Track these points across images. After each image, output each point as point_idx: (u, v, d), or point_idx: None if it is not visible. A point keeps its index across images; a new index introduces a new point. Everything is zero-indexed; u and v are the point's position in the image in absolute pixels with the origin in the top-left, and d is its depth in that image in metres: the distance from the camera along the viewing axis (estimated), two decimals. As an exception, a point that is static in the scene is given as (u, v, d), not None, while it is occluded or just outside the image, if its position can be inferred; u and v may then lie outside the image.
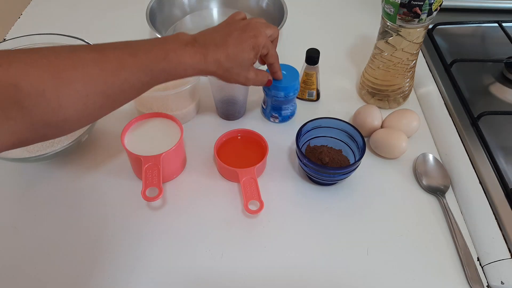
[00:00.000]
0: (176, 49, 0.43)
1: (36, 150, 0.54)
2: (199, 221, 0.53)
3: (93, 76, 0.37)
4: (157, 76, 0.42)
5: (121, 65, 0.39)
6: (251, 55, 0.48)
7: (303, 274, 0.49)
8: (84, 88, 0.37)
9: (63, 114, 0.36)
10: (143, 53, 0.41)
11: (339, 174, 0.54)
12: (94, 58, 0.38)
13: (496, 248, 0.49)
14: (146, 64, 0.41)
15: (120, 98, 0.41)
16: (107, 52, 0.39)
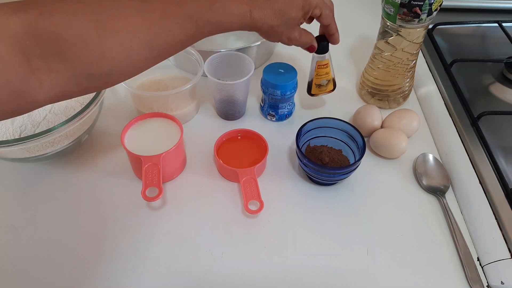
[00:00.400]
0: None
1: (36, 150, 0.54)
2: (199, 221, 0.53)
3: (137, 27, 0.36)
4: (202, 28, 0.40)
5: (166, 15, 0.37)
6: (299, 14, 0.45)
7: (303, 274, 0.49)
8: (128, 39, 0.35)
9: (107, 66, 0.35)
10: (188, 2, 0.39)
11: (339, 174, 0.54)
12: (138, 7, 0.36)
13: (496, 248, 0.49)
14: (191, 14, 0.39)
15: (164, 50, 0.39)
16: (151, 1, 0.37)
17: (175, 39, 0.39)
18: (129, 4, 0.36)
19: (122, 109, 0.67)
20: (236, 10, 0.41)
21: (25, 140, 0.49)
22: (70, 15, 0.33)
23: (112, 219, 0.53)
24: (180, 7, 0.38)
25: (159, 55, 0.39)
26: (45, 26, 0.32)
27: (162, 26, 0.37)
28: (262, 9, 0.43)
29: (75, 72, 0.34)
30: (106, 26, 0.34)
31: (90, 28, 0.34)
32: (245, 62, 0.62)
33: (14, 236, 0.52)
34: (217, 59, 0.62)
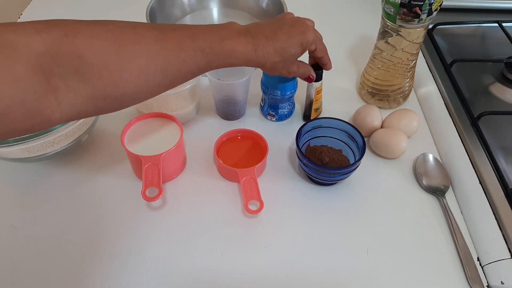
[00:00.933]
0: (231, 36, 0.44)
1: (36, 150, 0.54)
2: (199, 221, 0.53)
3: (154, 53, 0.37)
4: (211, 61, 0.43)
5: (181, 46, 0.39)
6: (298, 50, 0.49)
7: (303, 274, 0.49)
8: (145, 64, 0.37)
9: (123, 88, 0.37)
10: (201, 37, 0.41)
11: (339, 174, 0.54)
12: (156, 36, 0.38)
13: (496, 248, 0.49)
14: (203, 48, 0.41)
15: (176, 78, 0.41)
16: (167, 32, 0.39)
17: (187, 69, 0.41)
18: (148, 33, 0.38)
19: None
20: (243, 47, 0.44)
21: (25, 140, 0.49)
22: (94, 38, 0.34)
23: (112, 219, 0.53)
24: (193, 41, 0.41)
25: (171, 83, 0.41)
26: (68, 47, 0.33)
27: (177, 56, 0.39)
28: (265, 47, 0.46)
29: (93, 92, 0.35)
30: (126, 51, 0.36)
31: (111, 52, 0.35)
32: (245, 62, 0.62)
33: (14, 236, 0.52)
34: (217, 59, 0.62)
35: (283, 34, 0.47)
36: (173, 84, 0.42)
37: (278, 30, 0.47)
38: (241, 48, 0.44)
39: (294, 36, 0.47)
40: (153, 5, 0.77)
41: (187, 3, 0.84)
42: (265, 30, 0.47)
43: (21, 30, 0.32)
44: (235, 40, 0.44)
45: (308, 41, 0.49)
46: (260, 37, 0.46)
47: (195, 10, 0.85)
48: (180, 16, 0.84)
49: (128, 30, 0.37)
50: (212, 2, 0.86)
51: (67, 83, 0.33)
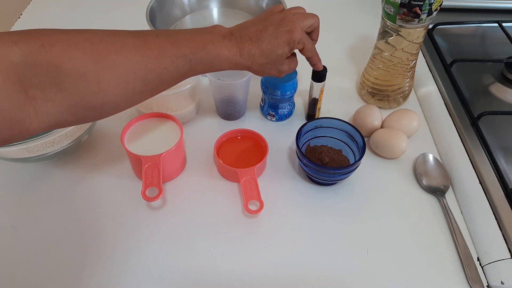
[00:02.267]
0: (215, 41, 0.43)
1: (36, 150, 0.54)
2: (199, 221, 0.53)
3: (134, 62, 0.37)
4: (195, 67, 0.42)
5: (162, 53, 0.39)
6: (285, 50, 0.47)
7: (303, 274, 0.49)
8: (125, 73, 0.37)
9: (103, 98, 0.36)
10: (183, 43, 0.41)
11: (339, 174, 0.54)
12: (136, 44, 0.38)
13: (496, 248, 0.49)
14: (186, 54, 0.41)
15: (158, 86, 0.41)
16: (149, 39, 0.39)
17: (168, 76, 0.41)
18: (128, 41, 0.38)
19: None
20: (227, 51, 0.44)
21: (25, 140, 0.49)
22: (71, 47, 0.34)
23: (112, 219, 0.53)
24: (176, 47, 0.40)
25: (152, 90, 0.41)
26: (46, 57, 0.33)
27: (158, 63, 0.39)
28: (250, 50, 0.45)
29: (71, 102, 0.35)
30: (105, 60, 0.36)
31: (90, 61, 0.35)
32: (245, 62, 0.62)
33: (14, 236, 0.52)
34: (217, 59, 0.62)
35: (269, 35, 0.46)
36: (154, 91, 0.41)
37: (263, 31, 0.46)
38: (226, 53, 0.44)
39: (280, 36, 0.46)
40: (153, 5, 0.77)
41: (187, 3, 0.84)
42: (249, 32, 0.46)
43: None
44: (219, 45, 0.43)
45: (294, 40, 0.47)
46: (245, 40, 0.45)
47: (195, 10, 0.85)
48: (180, 16, 0.84)
49: (107, 38, 0.37)
50: (212, 2, 0.86)
51: (45, 93, 0.33)
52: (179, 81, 0.43)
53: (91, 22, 0.85)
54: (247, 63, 0.46)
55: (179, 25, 0.82)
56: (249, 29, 0.46)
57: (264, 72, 0.49)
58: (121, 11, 0.88)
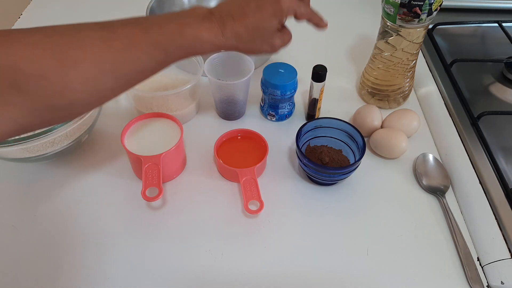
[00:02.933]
0: (192, 23, 0.40)
1: (36, 150, 0.54)
2: (199, 221, 0.53)
3: (100, 55, 0.35)
4: (172, 53, 0.40)
5: (132, 43, 0.37)
6: (273, 22, 0.43)
7: (303, 274, 0.49)
8: (91, 69, 0.34)
9: (70, 97, 0.34)
10: (156, 29, 0.38)
11: (339, 174, 0.54)
12: (102, 36, 0.36)
13: (496, 248, 0.49)
14: (160, 40, 0.38)
15: (132, 78, 0.39)
16: (116, 29, 0.37)
17: (143, 66, 0.38)
18: (92, 34, 0.35)
19: (122, 109, 0.67)
20: (207, 33, 0.40)
21: (25, 140, 0.49)
22: (30, 47, 0.32)
23: (112, 219, 0.53)
24: (147, 34, 0.37)
25: (126, 83, 0.38)
26: (2, 59, 0.31)
27: (129, 54, 0.36)
28: (233, 27, 0.42)
29: (34, 104, 0.33)
30: (67, 57, 0.33)
31: (50, 59, 0.33)
32: (245, 62, 0.62)
33: (14, 236, 0.52)
34: (217, 59, 0.62)
35: (252, 8, 0.42)
36: (130, 83, 0.39)
37: (246, 6, 0.43)
38: (206, 35, 0.40)
39: (265, 8, 0.43)
40: (153, 5, 0.77)
41: (186, 3, 0.84)
42: (231, 9, 0.43)
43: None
44: (198, 26, 0.40)
45: (282, 10, 0.43)
46: (226, 18, 0.42)
47: (195, 10, 0.85)
48: (180, 16, 0.84)
49: (69, 33, 0.35)
50: (212, 2, 0.86)
51: (4, 97, 0.31)
52: (158, 71, 0.40)
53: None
54: (233, 43, 0.43)
55: (179, 25, 0.82)
56: (230, 6, 0.43)
57: (254, 49, 0.45)
58: (121, 11, 0.88)
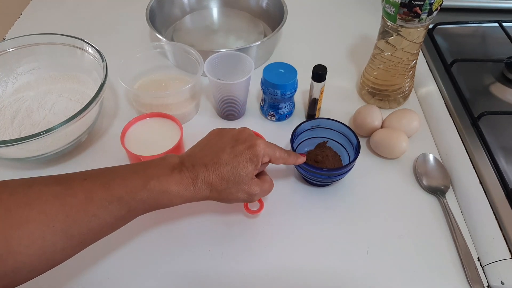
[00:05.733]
0: (160, 175, 0.38)
1: (36, 150, 0.54)
2: (199, 221, 0.53)
3: (52, 214, 0.32)
4: (135, 208, 0.37)
5: (89, 199, 0.34)
6: (249, 168, 0.41)
7: (303, 274, 0.49)
8: (39, 229, 0.31)
9: (14, 262, 0.31)
10: (118, 182, 0.36)
11: (334, 176, 0.54)
12: (56, 192, 0.33)
13: (496, 248, 0.49)
14: (121, 195, 0.35)
15: (89, 237, 0.35)
16: (73, 183, 0.34)
17: (101, 224, 0.35)
18: (46, 190, 0.33)
19: (122, 109, 0.67)
20: (175, 186, 0.38)
21: (24, 140, 0.49)
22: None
23: (112, 219, 0.53)
24: (106, 189, 0.35)
25: (81, 243, 0.35)
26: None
27: (84, 211, 0.34)
28: (206, 177, 0.40)
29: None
30: (13, 216, 0.31)
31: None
32: (245, 62, 0.62)
33: (14, 236, 0.52)
34: (217, 59, 0.62)
35: (226, 155, 0.41)
36: (85, 243, 0.36)
37: (220, 152, 0.41)
38: (174, 188, 0.38)
39: (240, 154, 0.41)
40: (153, 5, 0.77)
41: (186, 3, 0.84)
42: (204, 157, 0.41)
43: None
44: (166, 179, 0.38)
45: (258, 155, 0.42)
46: (199, 168, 0.40)
47: (195, 10, 0.85)
48: (180, 16, 0.84)
49: (19, 190, 0.32)
50: (212, 1, 0.86)
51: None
52: (121, 226, 0.37)
53: (91, 22, 0.85)
54: (204, 193, 0.40)
55: (178, 24, 0.82)
56: (203, 153, 0.42)
57: (229, 199, 0.43)
58: (121, 11, 0.88)
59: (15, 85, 0.66)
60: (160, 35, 0.68)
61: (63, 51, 0.64)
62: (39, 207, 0.32)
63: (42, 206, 0.32)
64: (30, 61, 0.66)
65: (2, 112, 0.62)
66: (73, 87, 0.66)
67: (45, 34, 0.64)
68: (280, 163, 0.46)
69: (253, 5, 0.84)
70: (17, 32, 0.82)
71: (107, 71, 0.58)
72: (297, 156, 0.48)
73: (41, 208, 0.32)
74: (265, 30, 0.82)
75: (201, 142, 0.45)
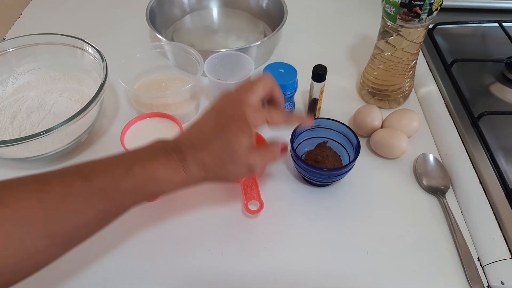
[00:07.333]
0: (143, 160, 0.34)
1: (36, 150, 0.54)
2: (199, 221, 0.53)
3: (27, 212, 0.30)
4: (121, 201, 0.34)
5: (67, 194, 0.31)
6: (242, 140, 0.37)
7: (303, 274, 0.49)
8: (16, 229, 0.29)
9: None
10: (99, 173, 0.33)
11: (334, 176, 0.54)
12: (33, 189, 0.31)
13: (496, 248, 0.49)
14: (102, 186, 0.32)
15: (73, 235, 0.33)
16: (52, 180, 0.32)
17: (84, 219, 0.33)
18: (21, 188, 0.31)
19: (122, 109, 0.67)
20: (163, 170, 0.34)
21: (24, 140, 0.49)
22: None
23: (112, 219, 0.53)
24: (86, 181, 0.32)
25: (66, 242, 0.33)
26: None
27: (63, 207, 0.31)
28: (196, 157, 0.36)
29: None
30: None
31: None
32: (245, 62, 0.62)
33: (13, 236, 0.52)
34: (217, 59, 0.62)
35: (214, 130, 0.37)
36: (71, 242, 0.33)
37: (206, 128, 0.37)
38: (161, 172, 0.34)
39: (229, 127, 0.37)
40: (153, 5, 0.77)
41: (186, 2, 0.84)
42: (190, 137, 0.37)
43: None
44: (150, 163, 0.34)
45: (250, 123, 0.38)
46: (185, 147, 0.36)
47: (194, 10, 0.85)
48: (180, 16, 0.84)
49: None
50: (212, 1, 0.86)
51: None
52: (108, 222, 0.35)
53: (91, 22, 0.85)
54: (199, 175, 0.36)
55: (178, 24, 0.82)
56: (189, 134, 0.38)
57: (227, 176, 0.38)
58: (121, 11, 0.88)
59: (15, 85, 0.66)
60: (160, 35, 0.68)
61: (63, 51, 0.64)
62: (14, 205, 0.30)
63: (18, 204, 0.30)
64: (30, 61, 0.66)
65: (2, 112, 0.62)
66: (73, 87, 0.66)
67: (45, 34, 0.64)
68: (279, 124, 0.41)
69: (253, 5, 0.84)
70: (17, 32, 0.82)
71: (107, 71, 0.58)
72: (302, 117, 0.43)
73: (17, 206, 0.30)
74: (265, 30, 0.81)
75: (189, 125, 0.40)
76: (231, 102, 0.39)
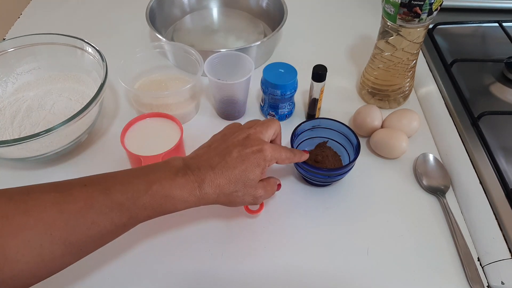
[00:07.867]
0: (162, 179, 0.37)
1: (36, 150, 0.54)
2: (199, 221, 0.53)
3: (49, 221, 0.32)
4: (137, 215, 0.36)
5: (88, 205, 0.33)
6: (257, 172, 0.41)
7: (303, 274, 0.49)
8: (36, 236, 0.31)
9: (11, 270, 0.30)
10: (119, 188, 0.35)
11: (334, 176, 0.54)
12: (54, 199, 0.33)
13: (496, 248, 0.49)
14: (121, 201, 0.35)
15: (88, 244, 0.35)
16: (73, 190, 0.34)
17: (101, 231, 0.34)
18: (44, 197, 0.33)
19: (122, 109, 0.67)
20: (179, 190, 0.37)
21: (24, 140, 0.49)
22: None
23: (112, 219, 0.53)
24: (107, 195, 0.34)
25: (81, 250, 0.35)
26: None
27: (83, 218, 0.33)
28: (213, 180, 0.39)
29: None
30: (10, 224, 0.31)
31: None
32: (245, 62, 0.62)
33: (14, 236, 0.52)
34: (217, 59, 0.62)
35: (234, 159, 0.40)
36: (85, 250, 0.35)
37: (227, 155, 0.40)
38: (178, 192, 0.37)
39: (248, 158, 0.40)
40: (153, 5, 0.77)
41: (186, 3, 0.84)
42: (209, 160, 0.40)
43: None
44: (169, 184, 0.37)
45: (265, 160, 0.41)
46: (205, 170, 0.39)
47: (194, 10, 0.85)
48: (180, 16, 0.84)
49: (18, 197, 0.32)
50: (212, 1, 0.86)
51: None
52: (120, 234, 0.37)
53: (91, 22, 0.85)
54: (211, 197, 0.39)
55: (178, 24, 0.82)
56: (209, 155, 0.41)
57: (235, 202, 0.42)
58: (121, 11, 0.88)
59: (15, 85, 0.66)
60: (160, 35, 0.68)
61: (63, 51, 0.64)
62: (37, 215, 0.32)
63: (40, 213, 0.32)
64: (30, 61, 0.66)
65: (2, 112, 0.62)
66: (73, 87, 0.66)
67: (45, 34, 0.64)
68: (286, 163, 0.47)
69: (253, 5, 0.84)
70: (17, 32, 0.82)
71: (107, 71, 0.58)
72: (301, 154, 0.49)
73: (39, 215, 0.32)
74: (265, 30, 0.82)
75: (205, 145, 0.45)
76: (254, 135, 0.43)
